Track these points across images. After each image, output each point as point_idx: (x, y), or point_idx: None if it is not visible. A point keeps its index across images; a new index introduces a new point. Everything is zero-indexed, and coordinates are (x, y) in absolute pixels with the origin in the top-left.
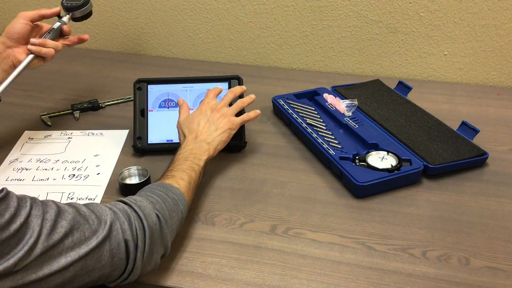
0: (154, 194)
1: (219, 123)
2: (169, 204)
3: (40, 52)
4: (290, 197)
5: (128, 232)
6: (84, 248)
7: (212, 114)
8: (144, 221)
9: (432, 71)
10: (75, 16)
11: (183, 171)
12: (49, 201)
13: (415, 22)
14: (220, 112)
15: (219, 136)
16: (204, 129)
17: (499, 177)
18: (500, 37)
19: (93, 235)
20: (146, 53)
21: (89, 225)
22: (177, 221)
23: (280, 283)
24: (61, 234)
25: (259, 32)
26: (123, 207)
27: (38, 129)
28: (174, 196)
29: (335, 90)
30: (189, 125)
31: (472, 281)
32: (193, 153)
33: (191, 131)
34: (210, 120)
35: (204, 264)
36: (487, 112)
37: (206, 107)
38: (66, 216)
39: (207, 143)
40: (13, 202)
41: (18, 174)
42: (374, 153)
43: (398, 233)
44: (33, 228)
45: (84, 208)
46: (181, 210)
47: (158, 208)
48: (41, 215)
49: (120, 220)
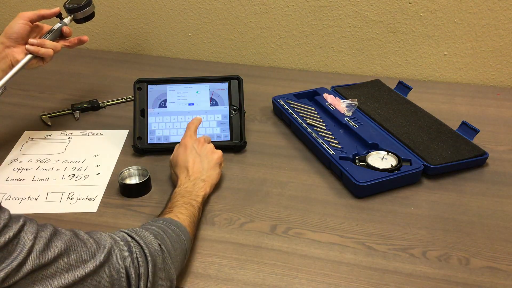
0: (154, 226)
1: (211, 158)
2: (171, 236)
3: (38, 52)
4: (290, 197)
5: (128, 259)
6: (80, 271)
7: (201, 148)
8: (145, 249)
9: (432, 71)
10: (77, 18)
11: (181, 207)
12: (47, 224)
13: (415, 22)
14: (207, 146)
15: (213, 170)
16: (195, 164)
17: (499, 177)
18: (500, 37)
19: (91, 259)
20: (146, 53)
21: (86, 248)
22: (180, 253)
23: (280, 283)
24: (55, 253)
25: (259, 32)
26: (123, 235)
27: (38, 129)
28: (176, 228)
29: (335, 90)
30: (177, 163)
31: (472, 281)
32: (189, 191)
33: (181, 169)
34: (201, 155)
35: (204, 264)
36: (487, 112)
37: (191, 142)
38: (63, 237)
39: (202, 180)
40: (4, 215)
41: (18, 174)
42: (374, 153)
43: (398, 233)
44: (24, 244)
45: (82, 232)
46: (184, 242)
47: (160, 239)
48: (34, 231)
49: (119, 246)
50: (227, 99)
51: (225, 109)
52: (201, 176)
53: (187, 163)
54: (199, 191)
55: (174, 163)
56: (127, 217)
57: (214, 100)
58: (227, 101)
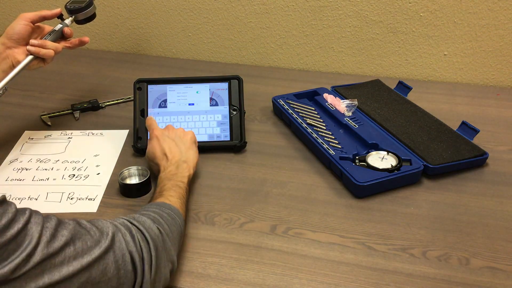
0: (150, 211)
1: (185, 139)
2: (167, 219)
3: (39, 53)
4: (290, 197)
5: (131, 243)
6: (87, 258)
7: (173, 133)
8: (146, 233)
9: (432, 71)
10: (79, 19)
11: (170, 189)
12: (50, 215)
13: (415, 22)
14: (177, 130)
15: (191, 149)
16: (172, 148)
17: (499, 177)
18: (500, 37)
19: (96, 245)
20: (146, 53)
21: (90, 235)
22: (177, 235)
23: (280, 283)
24: (61, 242)
25: (259, 32)
26: (123, 221)
27: (38, 129)
28: (170, 211)
29: (335, 90)
30: (155, 155)
31: (472, 281)
32: (173, 174)
33: (161, 157)
34: (175, 139)
35: (204, 264)
36: (487, 112)
37: (161, 131)
38: (67, 226)
39: (183, 161)
40: (11, 208)
41: (18, 174)
42: (374, 153)
43: (398, 233)
44: (32, 235)
45: (85, 221)
46: (179, 224)
47: (157, 223)
48: (40, 222)
49: (121, 232)
50: (227, 99)
51: (225, 109)
52: (182, 158)
53: (164, 150)
54: (184, 172)
55: (151, 156)
56: None
57: (214, 100)
58: (227, 101)
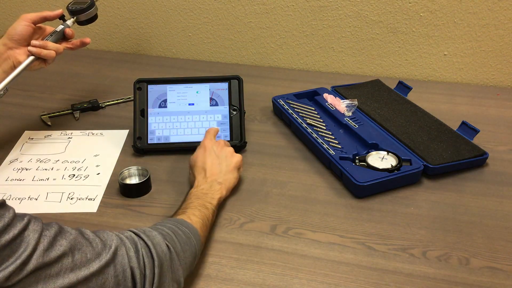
0: (165, 227)
1: (230, 161)
2: (181, 238)
3: (40, 54)
4: (290, 197)
5: (134, 259)
6: (85, 271)
7: (220, 151)
8: (153, 249)
9: (432, 71)
10: (80, 20)
11: (195, 208)
12: (52, 222)
13: (415, 22)
14: (226, 149)
15: (231, 173)
16: (213, 166)
17: (499, 177)
18: (500, 37)
19: (96, 258)
20: (146, 53)
21: (92, 247)
22: (190, 256)
23: (280, 283)
24: (59, 252)
25: (259, 32)
26: (130, 235)
27: (38, 129)
28: (187, 230)
29: (335, 90)
30: (196, 164)
31: (472, 281)
32: (205, 193)
33: (199, 170)
34: (220, 157)
35: (204, 264)
36: (487, 112)
37: (211, 144)
38: (67, 236)
39: (219, 182)
40: (8, 213)
41: (18, 174)
42: (374, 153)
43: (398, 233)
44: (28, 242)
45: (89, 232)
46: (194, 245)
47: (169, 240)
48: (39, 230)
49: (126, 246)
50: (227, 99)
51: (225, 109)
52: (218, 179)
53: (205, 165)
54: (215, 194)
55: (193, 163)
56: (127, 217)
57: (214, 100)
58: (227, 101)
